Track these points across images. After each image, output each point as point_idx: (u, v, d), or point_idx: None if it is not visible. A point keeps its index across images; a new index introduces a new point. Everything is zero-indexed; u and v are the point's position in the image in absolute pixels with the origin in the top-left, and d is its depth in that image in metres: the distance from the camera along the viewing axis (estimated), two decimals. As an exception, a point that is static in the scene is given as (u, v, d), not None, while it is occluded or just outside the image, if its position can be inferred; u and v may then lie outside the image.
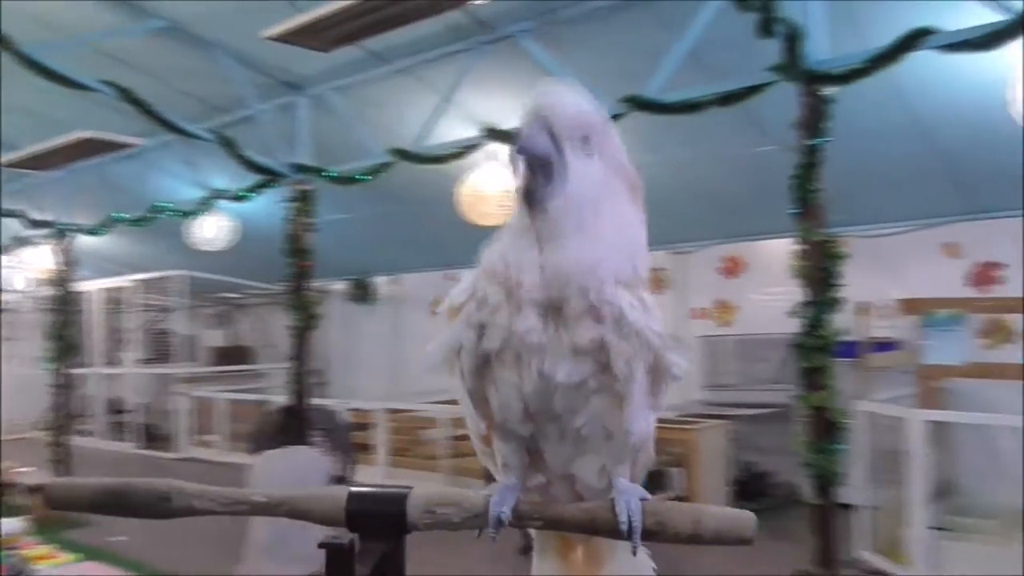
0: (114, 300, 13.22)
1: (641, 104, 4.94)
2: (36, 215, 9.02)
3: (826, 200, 4.39)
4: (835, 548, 4.19)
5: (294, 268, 6.89)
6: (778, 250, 8.09)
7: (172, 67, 6.74)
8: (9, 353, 12.20)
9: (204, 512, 1.17)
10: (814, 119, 4.34)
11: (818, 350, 4.24)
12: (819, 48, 4.45)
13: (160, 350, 12.91)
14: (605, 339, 1.13)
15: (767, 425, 7.05)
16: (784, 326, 7.31)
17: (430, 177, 7.30)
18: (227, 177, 8.03)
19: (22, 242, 9.80)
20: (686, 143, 6.75)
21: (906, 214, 7.20)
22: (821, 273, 4.29)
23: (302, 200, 6.90)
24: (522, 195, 1.11)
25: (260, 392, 10.78)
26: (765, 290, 7.90)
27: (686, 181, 7.32)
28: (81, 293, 11.83)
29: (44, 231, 9.09)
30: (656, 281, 8.05)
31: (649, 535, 1.09)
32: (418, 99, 6.66)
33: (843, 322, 4.60)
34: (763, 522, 1.13)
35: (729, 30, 4.93)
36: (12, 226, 9.38)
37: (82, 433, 11.56)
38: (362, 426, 8.14)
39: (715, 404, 7.80)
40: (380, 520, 1.13)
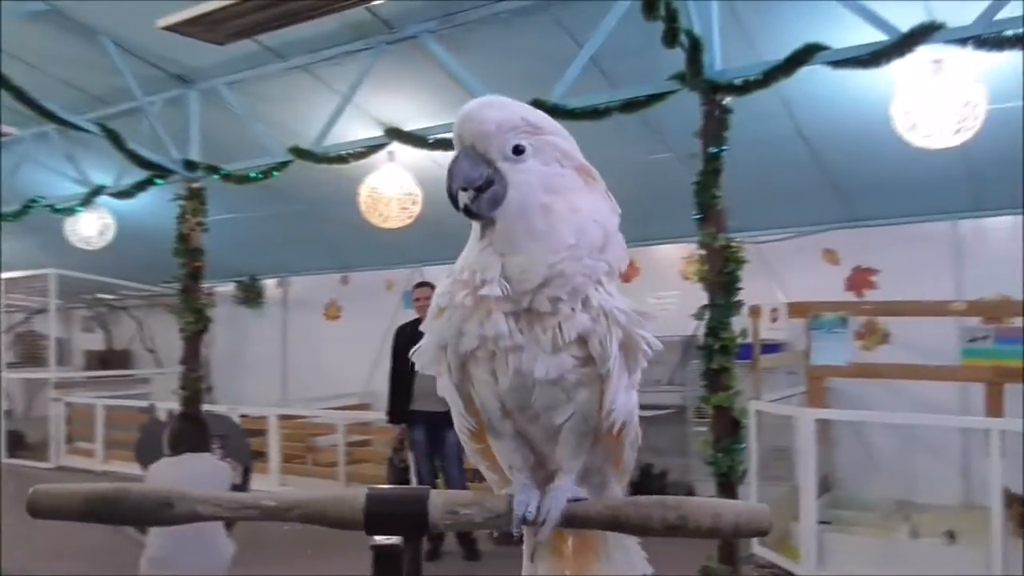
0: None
1: (545, 109, 4.94)
2: None
3: (739, 205, 4.53)
4: (736, 545, 4.34)
5: (185, 269, 6.59)
6: (671, 255, 8.34)
7: (51, 54, 6.34)
8: None
9: (209, 517, 1.11)
10: (715, 128, 4.48)
11: (720, 352, 4.38)
12: (715, 59, 4.61)
13: (29, 353, 12.15)
14: (584, 328, 1.15)
15: (662, 426, 7.23)
16: (677, 329, 7.59)
17: (326, 177, 7.15)
18: (107, 172, 7.64)
19: None
20: (581, 148, 6.85)
21: (789, 221, 7.54)
22: (723, 277, 4.43)
23: (193, 198, 6.63)
24: (465, 212, 1.15)
25: (141, 398, 10.28)
26: (658, 294, 8.11)
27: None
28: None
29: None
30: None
31: (672, 529, 1.10)
32: (316, 97, 6.51)
33: (740, 325, 4.76)
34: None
35: (628, 39, 5.06)
36: None
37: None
38: (254, 433, 7.88)
39: (610, 406, 7.89)
40: (401, 521, 1.10)
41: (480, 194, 1.14)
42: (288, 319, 11.06)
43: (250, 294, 10.77)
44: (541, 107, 4.05)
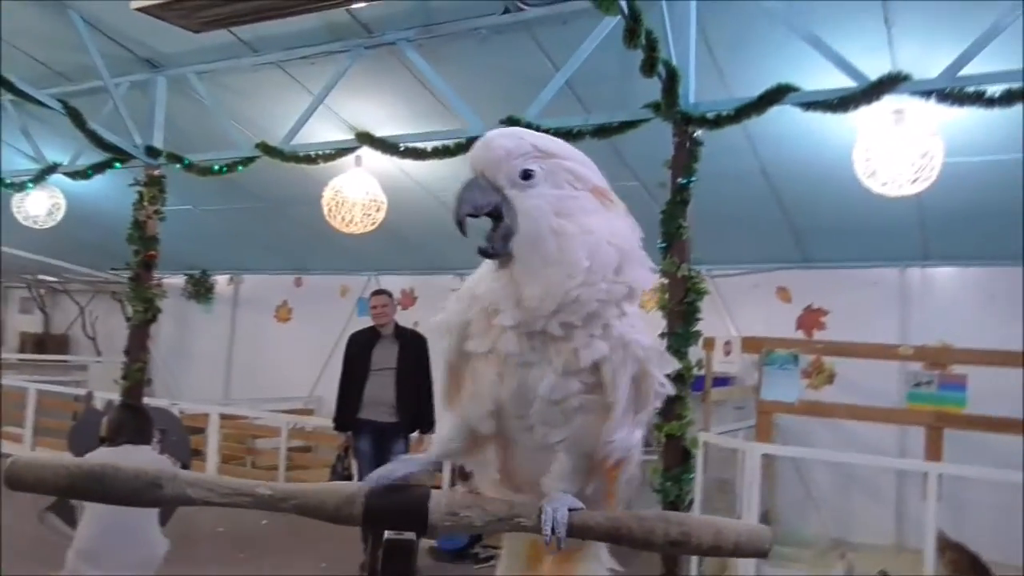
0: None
1: (520, 127, 5.00)
2: None
3: (698, 238, 4.59)
4: (678, 567, 4.36)
5: (138, 257, 6.44)
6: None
7: (15, 25, 6.16)
8: None
9: (199, 502, 1.08)
10: (685, 159, 4.55)
11: (675, 380, 4.39)
12: (689, 92, 4.68)
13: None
14: (600, 356, 1.15)
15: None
16: (629, 355, 7.64)
17: (287, 177, 7.07)
18: (63, 151, 7.44)
19: None
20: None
21: (745, 257, 7.66)
22: (683, 307, 4.47)
23: (152, 185, 6.49)
24: (481, 253, 1.16)
25: (76, 386, 9.98)
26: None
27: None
28: None
29: None
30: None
31: (674, 545, 1.10)
32: (287, 95, 6.44)
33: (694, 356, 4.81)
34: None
35: (602, 65, 5.13)
36: None
37: None
38: (192, 430, 7.70)
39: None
40: (400, 518, 1.08)
41: (492, 231, 1.15)
42: (237, 317, 10.86)
43: (200, 288, 10.57)
44: (515, 125, 4.06)
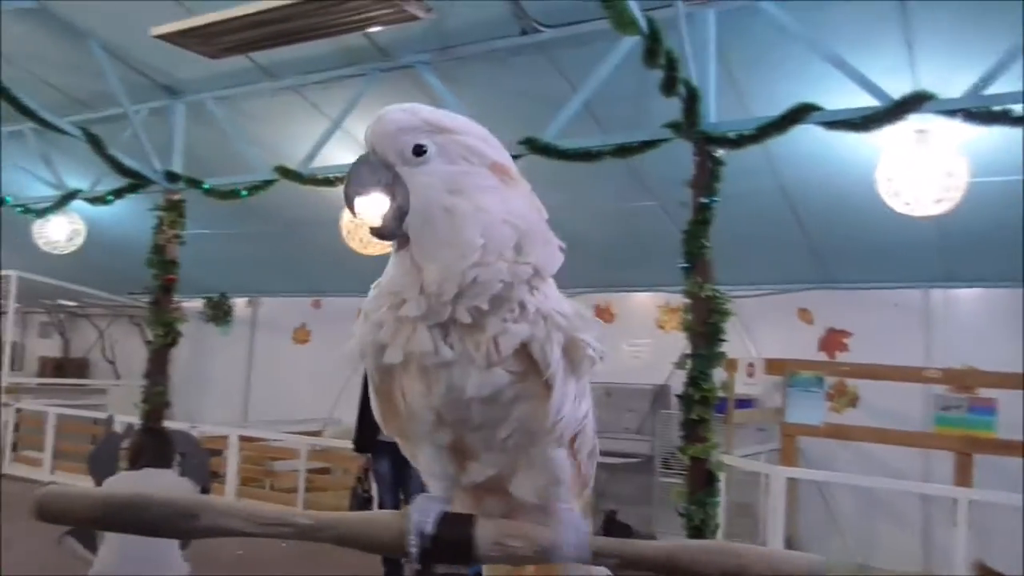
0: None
1: (539, 148, 4.99)
2: None
3: (719, 258, 4.54)
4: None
5: (158, 281, 6.45)
6: (647, 303, 8.34)
7: (37, 53, 6.24)
8: None
9: (236, 533, 1.03)
10: (707, 179, 4.50)
11: (700, 403, 4.35)
12: (709, 111, 4.65)
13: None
14: (522, 338, 1.10)
15: (628, 475, 7.17)
16: (649, 377, 7.58)
17: (303, 199, 7.09)
18: (83, 176, 7.50)
19: None
20: (561, 189, 6.87)
21: (766, 278, 7.58)
22: (706, 328, 4.42)
23: (172, 210, 6.51)
24: (373, 233, 1.12)
25: (95, 409, 9.98)
26: (632, 341, 8.09)
27: (557, 226, 7.42)
28: None
29: None
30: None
31: None
32: (303, 118, 6.47)
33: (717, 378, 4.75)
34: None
35: (619, 86, 5.11)
36: None
37: None
38: (211, 452, 7.68)
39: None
40: (447, 549, 1.04)
41: (385, 214, 1.10)
42: (255, 340, 10.88)
43: (218, 311, 10.59)
44: (535, 146, 4.03)
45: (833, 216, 6.39)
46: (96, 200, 7.02)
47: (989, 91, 4.03)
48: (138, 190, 6.66)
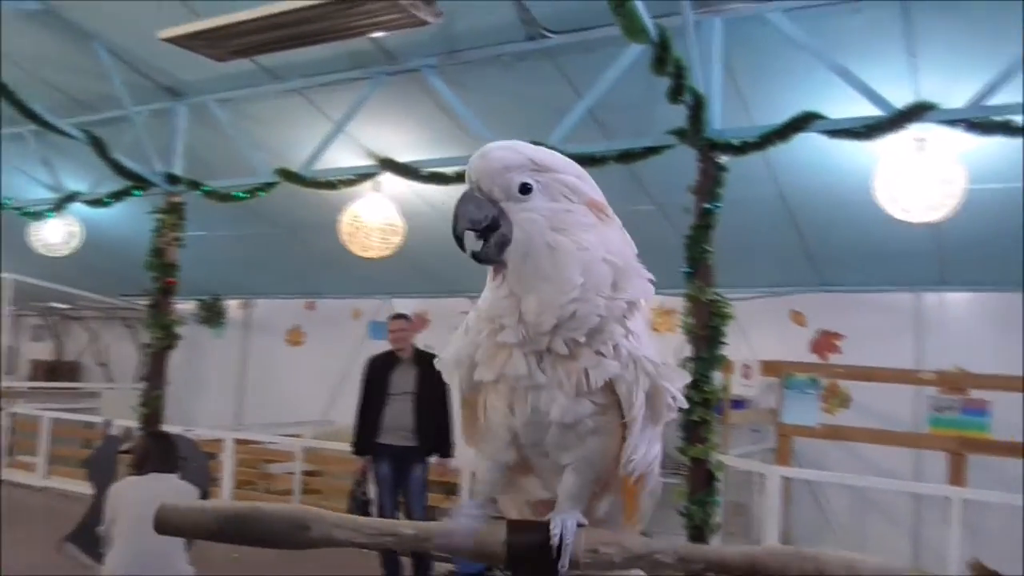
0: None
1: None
2: None
3: (716, 262, 4.62)
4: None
5: (157, 283, 6.46)
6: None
7: (39, 54, 6.24)
8: None
9: (345, 543, 1.08)
10: (710, 185, 4.58)
11: (701, 404, 4.43)
12: (714, 118, 4.73)
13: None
14: (612, 375, 1.16)
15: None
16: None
17: (300, 202, 7.12)
18: (81, 178, 7.49)
19: None
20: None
21: (761, 281, 7.68)
22: (707, 331, 4.49)
23: (173, 212, 6.52)
24: (475, 258, 1.17)
25: (88, 412, 9.93)
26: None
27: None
28: None
29: None
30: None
31: None
32: (307, 121, 6.49)
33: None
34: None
35: (623, 92, 5.18)
36: None
37: None
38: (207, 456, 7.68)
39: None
40: (542, 556, 1.09)
41: (487, 238, 1.16)
42: (249, 342, 10.87)
43: (211, 314, 10.57)
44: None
45: (830, 222, 6.49)
46: (95, 203, 7.01)
47: (990, 101, 4.13)
48: (137, 192, 6.65)
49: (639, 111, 5.55)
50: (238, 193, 6.48)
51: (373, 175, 5.99)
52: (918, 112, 4.20)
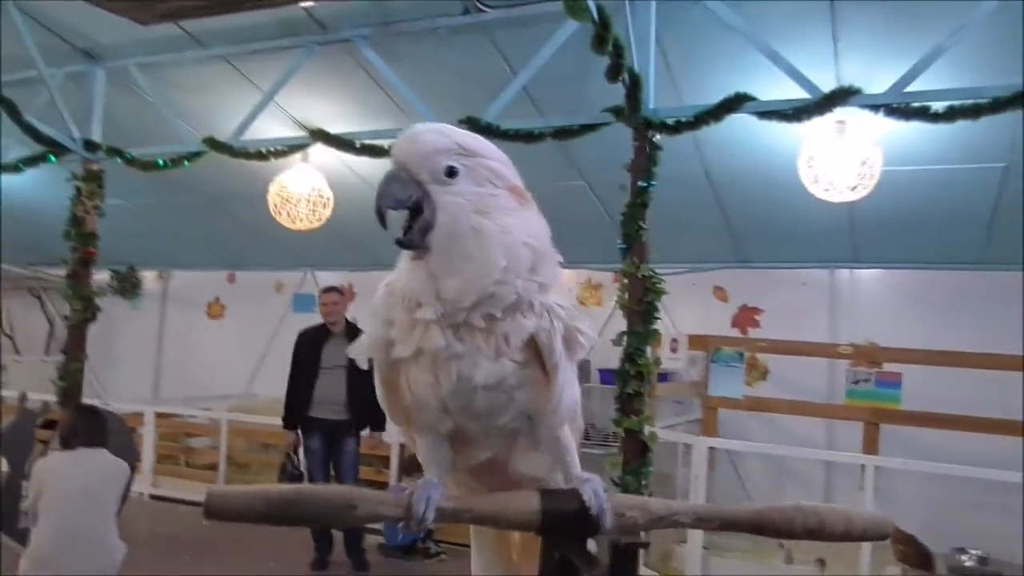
0: None
1: (479, 129, 5.05)
2: None
3: (650, 238, 4.72)
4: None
5: (76, 254, 6.22)
6: (568, 279, 8.52)
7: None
8: None
9: (388, 519, 1.11)
10: (645, 163, 4.68)
11: (635, 377, 4.55)
12: (649, 98, 4.82)
13: None
14: (530, 331, 1.22)
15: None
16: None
17: (222, 172, 6.95)
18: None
19: None
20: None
21: (685, 257, 7.86)
22: (642, 306, 4.60)
23: (91, 180, 6.27)
24: (398, 244, 1.20)
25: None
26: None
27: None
28: None
29: None
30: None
31: (810, 533, 1.18)
32: (235, 90, 6.32)
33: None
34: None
35: (557, 69, 5.22)
36: None
37: None
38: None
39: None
40: (575, 523, 1.13)
41: (411, 223, 1.19)
42: (166, 314, 10.57)
43: (126, 284, 10.22)
44: (476, 126, 4.15)
45: (753, 200, 6.68)
46: (6, 168, 6.68)
47: (910, 88, 4.32)
48: (52, 159, 6.37)
49: (571, 88, 5.60)
50: (162, 161, 6.27)
51: (305, 146, 5.89)
52: (844, 96, 4.36)
